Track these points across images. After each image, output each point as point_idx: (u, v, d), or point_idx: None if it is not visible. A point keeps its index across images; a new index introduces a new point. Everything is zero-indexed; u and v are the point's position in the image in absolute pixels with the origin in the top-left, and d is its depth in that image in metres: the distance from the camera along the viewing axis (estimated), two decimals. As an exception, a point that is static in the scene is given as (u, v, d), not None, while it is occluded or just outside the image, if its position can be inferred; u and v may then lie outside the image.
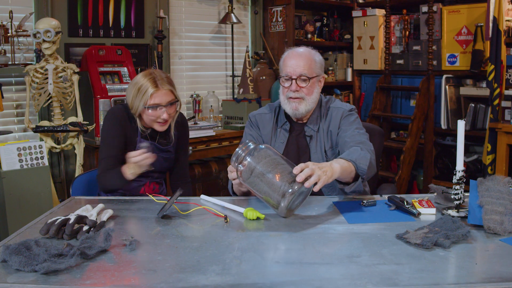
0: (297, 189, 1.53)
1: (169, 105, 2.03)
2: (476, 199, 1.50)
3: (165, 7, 3.84)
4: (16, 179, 2.64)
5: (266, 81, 4.24)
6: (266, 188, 1.58)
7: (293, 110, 1.99)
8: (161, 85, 2.01)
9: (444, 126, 4.19)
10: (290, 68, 1.98)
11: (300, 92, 1.96)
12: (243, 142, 1.88)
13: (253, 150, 1.66)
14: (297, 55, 1.99)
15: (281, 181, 1.56)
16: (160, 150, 2.14)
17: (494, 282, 1.11)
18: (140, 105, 2.01)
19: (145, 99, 1.99)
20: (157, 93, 1.99)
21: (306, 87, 1.96)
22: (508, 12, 3.75)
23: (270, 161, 1.61)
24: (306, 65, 1.96)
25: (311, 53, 2.01)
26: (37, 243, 1.27)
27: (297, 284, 1.12)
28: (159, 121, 2.04)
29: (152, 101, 1.99)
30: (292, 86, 1.97)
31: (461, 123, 1.59)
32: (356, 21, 4.75)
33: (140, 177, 2.12)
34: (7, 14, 3.04)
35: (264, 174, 1.59)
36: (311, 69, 1.97)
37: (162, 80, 2.02)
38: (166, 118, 2.03)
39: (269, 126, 2.10)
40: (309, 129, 2.05)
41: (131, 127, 2.09)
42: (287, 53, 2.04)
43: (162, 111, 2.02)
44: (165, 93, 2.01)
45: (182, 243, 1.39)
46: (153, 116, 2.02)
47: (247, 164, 1.63)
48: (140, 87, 2.00)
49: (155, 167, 2.12)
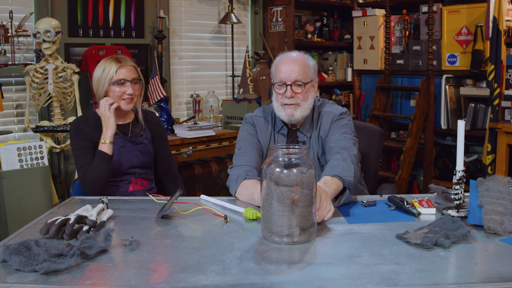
0: (290, 241, 1.37)
1: (133, 82, 2.13)
2: (476, 199, 1.50)
3: (165, 7, 3.84)
4: (16, 179, 2.64)
5: (266, 81, 4.24)
6: (271, 211, 1.37)
7: (288, 116, 1.93)
8: (124, 61, 2.13)
9: (444, 126, 4.19)
10: (285, 74, 1.90)
11: (296, 98, 1.91)
12: (240, 142, 1.93)
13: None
14: (291, 60, 1.93)
15: (288, 222, 1.36)
16: (133, 143, 2.19)
17: (494, 282, 1.11)
18: (105, 83, 2.11)
19: (110, 75, 2.10)
20: (122, 69, 2.11)
21: (302, 93, 1.91)
22: (508, 12, 3.75)
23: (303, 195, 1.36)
24: (301, 70, 1.90)
25: (304, 57, 1.95)
26: (37, 243, 1.27)
27: (297, 284, 1.12)
28: (125, 97, 2.12)
29: (117, 76, 2.10)
30: (287, 93, 1.90)
31: (461, 123, 1.59)
32: (356, 21, 4.75)
33: (123, 174, 2.16)
34: (7, 14, 3.04)
35: (282, 201, 1.35)
36: (306, 74, 1.92)
37: (125, 59, 2.15)
38: (131, 93, 2.11)
39: (267, 130, 2.05)
40: (302, 135, 2.02)
41: (94, 132, 2.13)
42: (280, 58, 1.97)
43: (127, 86, 2.11)
44: (129, 69, 2.13)
45: (182, 243, 1.39)
46: (119, 92, 2.11)
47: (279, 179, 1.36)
48: (105, 66, 2.12)
49: (133, 161, 2.16)
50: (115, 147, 2.12)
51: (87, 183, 2.05)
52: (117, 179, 2.17)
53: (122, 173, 2.17)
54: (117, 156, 2.14)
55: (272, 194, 1.35)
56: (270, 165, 1.38)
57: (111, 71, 2.10)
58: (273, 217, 1.36)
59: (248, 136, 2.04)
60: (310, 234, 1.39)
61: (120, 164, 2.15)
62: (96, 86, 2.15)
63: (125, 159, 2.16)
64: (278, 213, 1.35)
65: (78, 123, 2.18)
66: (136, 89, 2.14)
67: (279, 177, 1.35)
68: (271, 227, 1.37)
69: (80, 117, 2.25)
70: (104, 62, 2.14)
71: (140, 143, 2.22)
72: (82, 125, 2.15)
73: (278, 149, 1.41)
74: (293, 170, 1.36)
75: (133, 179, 2.20)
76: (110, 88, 2.11)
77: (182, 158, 3.40)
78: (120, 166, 2.15)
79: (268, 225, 1.38)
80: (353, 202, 1.79)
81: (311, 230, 1.40)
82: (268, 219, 1.38)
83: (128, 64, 2.14)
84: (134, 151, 2.18)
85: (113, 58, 2.14)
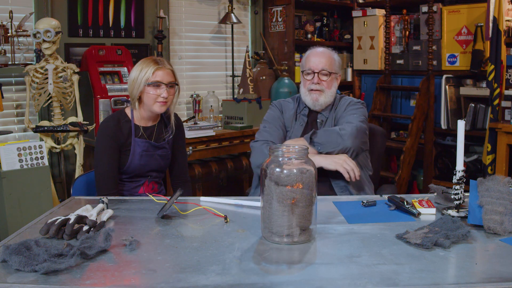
0: (290, 241, 1.37)
1: (169, 86, 2.10)
2: (476, 199, 1.50)
3: (165, 7, 3.84)
4: (16, 179, 2.63)
5: (266, 81, 4.24)
6: (271, 211, 1.37)
7: (313, 101, 2.24)
8: (162, 64, 2.11)
9: (444, 126, 4.19)
10: (313, 64, 2.23)
11: (321, 85, 2.22)
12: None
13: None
14: (320, 53, 2.26)
15: (288, 222, 1.36)
16: (155, 147, 2.17)
17: (494, 282, 1.11)
18: (141, 83, 2.08)
19: (147, 76, 2.07)
20: (159, 71, 2.08)
21: (327, 81, 2.23)
22: (508, 12, 3.75)
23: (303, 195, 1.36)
24: (327, 62, 2.24)
25: (331, 52, 2.29)
26: (37, 243, 1.26)
27: (297, 284, 1.12)
28: (159, 100, 2.09)
29: (153, 78, 2.07)
30: (314, 79, 2.22)
31: (461, 123, 1.59)
32: (356, 21, 4.75)
33: (139, 177, 2.15)
34: (7, 14, 3.04)
35: (282, 201, 1.35)
36: (331, 66, 2.24)
37: (163, 61, 2.13)
38: (165, 96, 2.09)
39: (292, 112, 2.33)
40: (321, 115, 2.30)
41: (122, 133, 2.12)
42: (310, 52, 2.31)
43: (163, 89, 2.08)
44: (167, 72, 2.11)
45: (182, 243, 1.39)
46: (154, 94, 2.08)
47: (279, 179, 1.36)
48: (142, 67, 2.10)
49: (152, 166, 2.14)
50: (138, 150, 2.12)
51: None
52: (132, 180, 2.17)
53: (139, 175, 2.16)
54: (139, 160, 2.13)
55: (272, 194, 1.35)
56: (270, 165, 1.38)
57: (148, 72, 2.07)
58: (273, 217, 1.36)
59: (274, 118, 2.31)
60: (310, 234, 1.39)
61: (140, 168, 2.14)
62: (131, 86, 2.11)
63: (145, 163, 2.15)
64: (278, 213, 1.35)
65: (107, 122, 2.14)
66: (171, 93, 2.11)
67: (279, 177, 1.35)
68: (271, 227, 1.37)
69: (108, 117, 2.20)
70: (142, 62, 2.11)
71: (162, 148, 2.20)
72: (110, 124, 2.12)
73: (278, 149, 1.41)
74: (293, 170, 1.36)
75: (146, 181, 2.19)
76: (145, 89, 2.08)
77: (182, 158, 3.40)
78: (139, 170, 2.15)
79: (268, 225, 1.38)
80: (354, 201, 1.80)
81: (311, 230, 1.40)
82: (268, 219, 1.38)
83: (166, 67, 2.11)
84: (155, 156, 2.17)
85: (151, 60, 2.11)
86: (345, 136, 2.06)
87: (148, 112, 2.14)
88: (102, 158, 2.09)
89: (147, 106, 2.12)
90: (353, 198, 1.90)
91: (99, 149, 2.10)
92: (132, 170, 2.13)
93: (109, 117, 2.18)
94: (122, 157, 2.12)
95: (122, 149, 2.12)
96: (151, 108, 2.11)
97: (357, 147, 2.10)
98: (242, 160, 3.91)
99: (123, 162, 2.12)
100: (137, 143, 2.12)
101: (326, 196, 1.92)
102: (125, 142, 2.12)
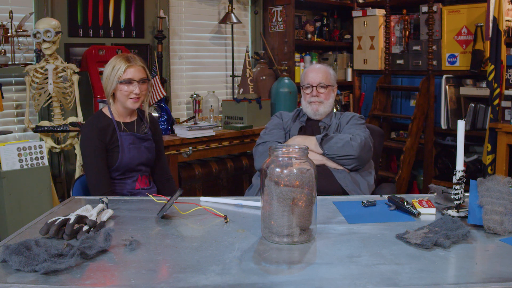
0: (290, 241, 1.37)
1: (141, 82, 2.16)
2: (476, 199, 1.50)
3: (165, 7, 3.84)
4: (16, 179, 2.64)
5: (266, 81, 4.23)
6: (271, 211, 1.36)
7: (314, 111, 2.45)
8: (134, 61, 2.16)
9: (444, 126, 4.19)
10: (311, 78, 2.46)
11: (320, 97, 2.44)
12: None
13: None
14: (317, 69, 2.49)
15: (288, 222, 1.36)
16: (140, 139, 2.22)
17: (494, 282, 1.11)
18: (114, 81, 2.14)
19: (119, 74, 2.13)
20: (130, 69, 2.14)
21: (324, 93, 2.45)
22: (508, 12, 3.75)
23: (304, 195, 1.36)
24: (324, 76, 2.46)
25: (327, 68, 2.52)
26: (37, 243, 1.26)
27: (297, 284, 1.12)
28: (132, 96, 2.15)
29: (125, 75, 2.13)
30: (313, 92, 2.44)
31: (461, 123, 1.59)
32: (356, 21, 4.75)
33: (131, 171, 2.19)
34: (7, 14, 3.04)
35: (284, 201, 1.34)
36: (328, 79, 2.47)
37: (135, 58, 2.18)
38: (138, 92, 2.14)
39: (291, 116, 2.55)
40: (323, 123, 2.48)
41: (105, 132, 2.16)
42: (308, 68, 2.54)
43: (135, 86, 2.14)
44: (138, 69, 2.16)
45: (182, 243, 1.39)
46: (127, 91, 2.14)
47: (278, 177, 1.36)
48: (114, 65, 2.15)
49: (141, 158, 2.20)
50: (125, 144, 2.16)
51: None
52: (125, 176, 2.19)
53: (131, 170, 2.20)
54: (127, 153, 2.16)
55: (272, 194, 1.35)
56: (270, 165, 1.38)
57: (120, 70, 2.13)
58: (273, 217, 1.36)
59: (274, 123, 2.52)
60: (310, 234, 1.39)
61: (130, 161, 2.17)
62: (105, 83, 2.18)
63: (134, 156, 2.19)
64: (278, 213, 1.35)
65: (89, 124, 2.17)
66: (143, 89, 2.18)
67: (279, 177, 1.35)
68: (271, 227, 1.37)
69: (90, 118, 2.24)
70: (114, 60, 2.17)
71: (147, 140, 2.26)
72: (94, 125, 2.16)
73: (278, 149, 1.41)
74: (293, 170, 1.36)
75: (139, 176, 2.23)
76: (118, 86, 2.14)
77: (182, 158, 3.40)
78: (130, 163, 2.17)
79: (268, 225, 1.38)
80: (354, 201, 1.80)
81: (311, 230, 1.40)
82: (268, 219, 1.38)
83: (137, 64, 2.16)
84: (141, 148, 2.22)
85: (123, 57, 2.17)
86: (355, 146, 2.23)
87: (123, 108, 2.20)
88: (91, 161, 2.12)
89: (121, 102, 2.18)
90: (353, 198, 1.90)
91: (86, 152, 2.14)
92: (124, 165, 2.16)
93: (90, 120, 2.22)
94: (112, 155, 2.15)
95: (110, 147, 2.15)
96: (124, 104, 2.18)
97: (362, 159, 2.24)
98: (242, 160, 3.91)
99: (114, 159, 2.15)
100: (123, 137, 2.17)
101: (326, 196, 1.92)
102: (110, 139, 2.15)
